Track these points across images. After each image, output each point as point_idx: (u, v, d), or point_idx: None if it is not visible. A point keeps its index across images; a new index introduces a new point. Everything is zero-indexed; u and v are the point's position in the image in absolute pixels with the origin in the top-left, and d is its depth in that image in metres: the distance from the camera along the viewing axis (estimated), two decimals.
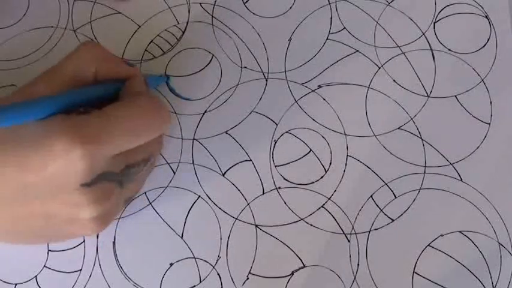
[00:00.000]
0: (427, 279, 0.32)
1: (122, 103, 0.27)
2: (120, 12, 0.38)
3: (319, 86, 0.36)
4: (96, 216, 0.27)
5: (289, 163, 0.34)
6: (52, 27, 0.38)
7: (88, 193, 0.26)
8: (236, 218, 0.33)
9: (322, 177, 0.34)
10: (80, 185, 0.25)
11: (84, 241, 0.33)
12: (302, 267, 0.32)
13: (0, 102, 0.27)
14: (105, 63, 0.29)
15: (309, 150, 0.35)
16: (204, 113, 0.35)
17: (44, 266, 0.32)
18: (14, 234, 0.29)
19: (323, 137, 0.35)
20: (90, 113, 0.26)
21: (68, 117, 0.25)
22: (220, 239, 0.33)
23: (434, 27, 0.38)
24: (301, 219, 0.33)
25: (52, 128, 0.24)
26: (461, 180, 0.34)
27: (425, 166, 0.34)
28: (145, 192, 0.34)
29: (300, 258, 0.32)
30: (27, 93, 0.27)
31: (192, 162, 0.34)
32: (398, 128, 0.35)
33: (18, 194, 0.25)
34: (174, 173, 0.34)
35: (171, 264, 0.32)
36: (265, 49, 0.37)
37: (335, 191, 0.34)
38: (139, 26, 0.38)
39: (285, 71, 0.37)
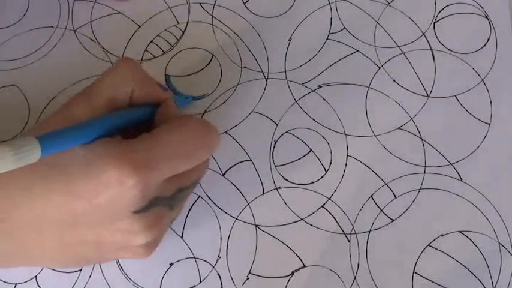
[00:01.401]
0: (427, 279, 0.32)
1: (172, 125, 0.26)
2: (120, 12, 0.38)
3: (319, 86, 0.36)
4: (148, 242, 0.27)
5: (289, 163, 0.34)
6: (52, 27, 0.38)
7: (141, 220, 0.25)
8: (236, 218, 0.33)
9: (322, 177, 0.34)
10: (133, 212, 0.25)
11: None
12: (302, 267, 0.32)
13: (35, 129, 0.26)
14: (142, 84, 0.28)
15: (309, 150, 0.35)
16: (204, 113, 0.35)
17: (44, 267, 0.32)
18: (61, 259, 0.28)
19: (323, 137, 0.35)
20: (139, 137, 0.25)
21: (115, 142, 0.24)
22: (220, 239, 0.33)
23: (434, 27, 0.38)
24: (301, 219, 0.33)
25: (100, 154, 0.23)
26: (461, 180, 0.34)
27: (425, 166, 0.34)
28: None
29: (300, 258, 0.32)
30: (66, 116, 0.26)
31: None
32: (399, 128, 0.35)
33: (67, 220, 0.25)
34: None
35: (171, 264, 0.32)
36: (265, 49, 0.37)
37: (335, 191, 0.34)
38: (140, 26, 0.38)
39: (285, 71, 0.37)
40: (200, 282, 0.32)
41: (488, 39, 0.37)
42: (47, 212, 0.24)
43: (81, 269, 0.32)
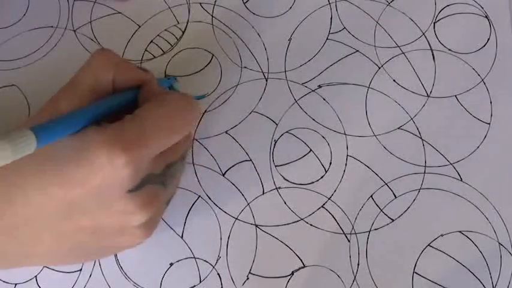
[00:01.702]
0: (427, 279, 0.32)
1: (153, 104, 0.27)
2: (120, 12, 0.38)
3: (319, 86, 0.36)
4: (145, 221, 0.27)
5: (289, 163, 0.34)
6: (52, 27, 0.38)
7: (135, 199, 0.26)
8: (236, 218, 0.33)
9: (322, 177, 0.34)
10: (127, 192, 0.25)
11: None
12: (302, 267, 0.32)
13: (25, 125, 0.27)
14: (122, 69, 0.29)
15: (309, 150, 0.35)
16: (204, 113, 0.35)
17: (44, 266, 0.32)
18: (59, 253, 0.28)
19: (323, 137, 0.35)
20: (123, 119, 0.25)
21: (102, 127, 0.25)
22: (220, 239, 0.33)
23: (434, 27, 0.38)
24: (301, 219, 0.33)
25: (90, 140, 0.24)
26: (461, 180, 0.34)
27: (425, 166, 0.34)
28: None
29: (300, 258, 0.32)
30: (51, 111, 0.26)
31: (192, 162, 0.34)
32: (399, 128, 0.35)
33: (63, 210, 0.25)
34: None
35: (171, 264, 0.32)
36: (265, 49, 0.37)
37: (335, 191, 0.34)
38: (140, 26, 0.38)
39: (285, 71, 0.37)
40: (200, 282, 0.32)
41: (488, 39, 0.38)
42: (42, 206, 0.25)
43: (81, 269, 0.32)
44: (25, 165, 0.22)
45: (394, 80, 0.36)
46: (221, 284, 0.32)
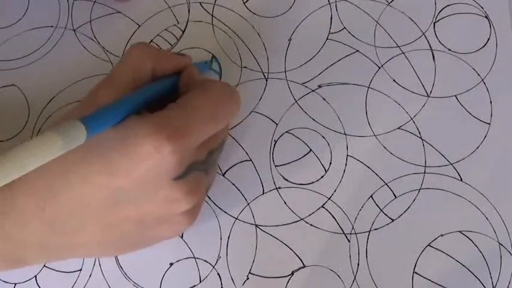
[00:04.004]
0: (427, 279, 0.32)
1: (197, 92, 0.27)
2: (120, 12, 0.38)
3: (319, 86, 0.36)
4: (190, 208, 0.27)
5: (289, 163, 0.34)
6: (52, 27, 0.38)
7: (181, 186, 0.26)
8: (236, 218, 0.33)
9: (322, 177, 0.34)
10: (172, 180, 0.25)
11: None
12: (302, 267, 0.32)
13: (66, 118, 0.26)
14: (160, 58, 0.29)
15: (309, 150, 0.35)
16: None
17: (44, 265, 0.32)
18: (103, 243, 0.28)
19: (323, 137, 0.35)
20: (167, 108, 0.26)
21: (146, 116, 0.25)
22: (220, 239, 0.33)
23: (434, 27, 0.38)
24: (301, 219, 0.33)
25: (135, 129, 0.24)
26: (461, 180, 0.34)
27: (425, 166, 0.34)
28: None
29: (300, 258, 0.32)
30: (92, 104, 0.26)
31: None
32: (398, 128, 0.35)
33: (108, 200, 0.25)
34: None
35: (171, 264, 0.32)
36: (265, 49, 0.37)
37: (335, 191, 0.34)
38: (139, 26, 0.38)
39: (285, 71, 0.37)
40: (200, 282, 0.32)
41: (488, 39, 0.38)
42: (86, 196, 0.25)
43: (81, 269, 0.32)
44: (68, 156, 0.22)
45: (394, 80, 0.36)
46: (221, 284, 0.32)
